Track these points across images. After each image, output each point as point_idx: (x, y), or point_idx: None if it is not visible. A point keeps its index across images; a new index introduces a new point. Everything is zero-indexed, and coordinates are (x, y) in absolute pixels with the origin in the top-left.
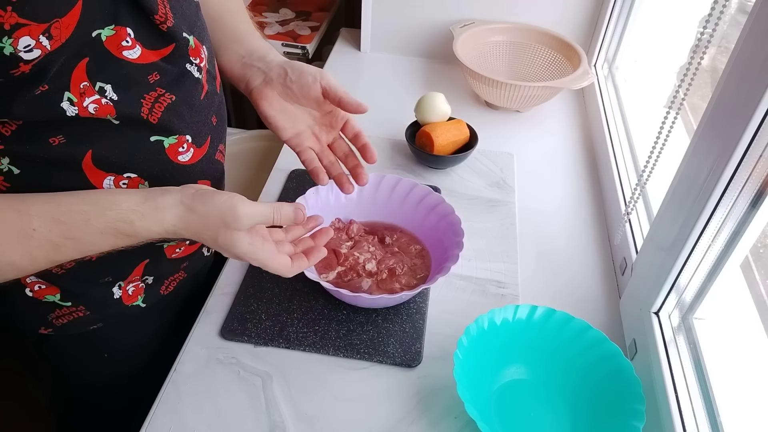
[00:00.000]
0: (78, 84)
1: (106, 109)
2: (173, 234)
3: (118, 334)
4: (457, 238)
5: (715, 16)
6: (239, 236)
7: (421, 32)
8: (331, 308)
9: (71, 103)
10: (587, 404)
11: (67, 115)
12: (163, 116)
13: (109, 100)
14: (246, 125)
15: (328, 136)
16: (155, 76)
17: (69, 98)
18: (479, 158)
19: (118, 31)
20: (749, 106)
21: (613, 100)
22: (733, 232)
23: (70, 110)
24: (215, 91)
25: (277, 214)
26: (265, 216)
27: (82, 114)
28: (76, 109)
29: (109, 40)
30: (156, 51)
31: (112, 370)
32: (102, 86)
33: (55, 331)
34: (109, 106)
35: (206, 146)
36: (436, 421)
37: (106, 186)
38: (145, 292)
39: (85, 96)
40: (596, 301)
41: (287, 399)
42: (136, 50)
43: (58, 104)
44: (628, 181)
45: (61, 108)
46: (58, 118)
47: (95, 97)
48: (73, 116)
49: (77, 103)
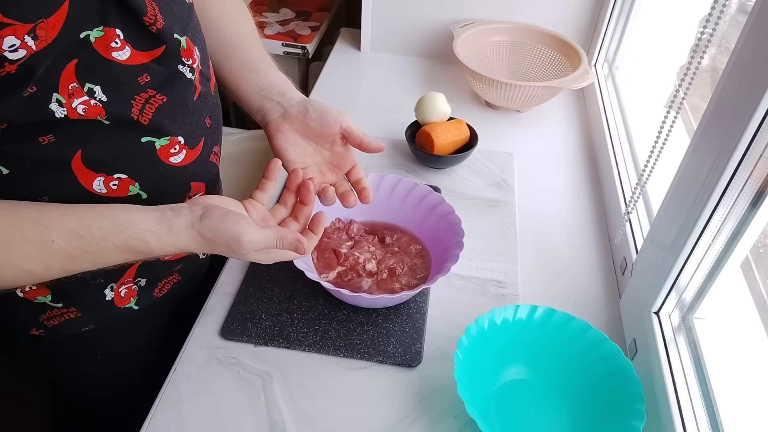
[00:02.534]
0: (67, 85)
1: (95, 110)
2: (188, 252)
3: (111, 337)
4: (457, 238)
5: (715, 16)
6: (249, 255)
7: (421, 32)
8: (331, 308)
9: (60, 105)
10: (587, 404)
11: (55, 116)
12: (154, 117)
13: (99, 102)
14: (246, 125)
15: (332, 176)
16: (145, 78)
17: (57, 99)
18: (479, 158)
19: (107, 32)
20: (749, 106)
21: (613, 100)
22: (733, 232)
23: (58, 111)
24: (209, 92)
25: (280, 242)
26: (268, 243)
27: (71, 116)
28: (65, 111)
29: (98, 42)
30: (146, 52)
31: (106, 372)
32: (91, 87)
33: (47, 332)
34: (99, 107)
35: (199, 148)
36: (436, 421)
37: (96, 187)
38: (138, 295)
39: (74, 97)
40: (596, 300)
41: (287, 399)
42: (126, 51)
43: (47, 106)
44: (628, 181)
45: (49, 109)
46: (47, 120)
47: (84, 98)
48: (62, 117)
49: (66, 104)
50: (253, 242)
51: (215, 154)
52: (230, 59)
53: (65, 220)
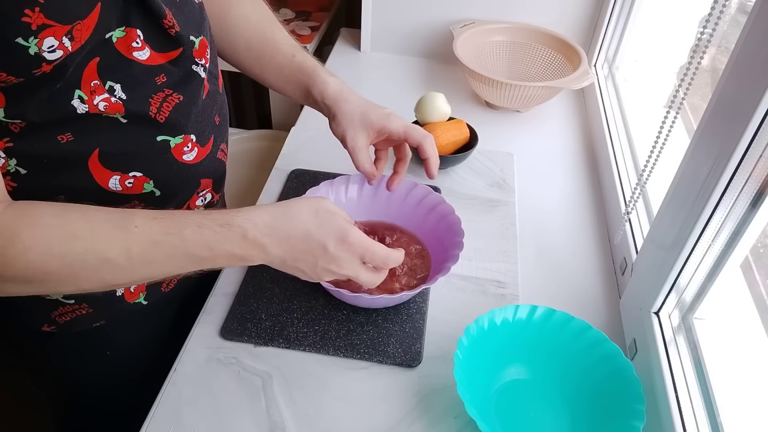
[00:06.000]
0: (89, 82)
1: (115, 107)
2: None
3: (121, 332)
4: (457, 238)
5: (715, 16)
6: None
7: (421, 32)
8: (331, 308)
9: (82, 101)
10: (587, 404)
11: (77, 112)
12: (171, 116)
13: (119, 99)
14: (246, 125)
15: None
16: (162, 78)
17: (79, 96)
18: (479, 158)
19: (128, 32)
20: (749, 106)
21: (613, 100)
22: (733, 232)
23: (80, 108)
24: (217, 90)
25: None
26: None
27: (92, 111)
28: (86, 107)
29: (119, 41)
30: (164, 54)
31: (114, 369)
32: (112, 85)
33: (58, 328)
34: (119, 104)
35: (209, 145)
36: (436, 421)
37: (112, 185)
38: (147, 289)
39: (96, 94)
40: (596, 301)
41: (287, 399)
42: (146, 52)
43: (69, 102)
44: (628, 181)
45: (71, 106)
46: (69, 116)
47: (105, 95)
48: (83, 113)
49: (87, 100)
50: (360, 239)
51: (222, 151)
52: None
53: (147, 211)
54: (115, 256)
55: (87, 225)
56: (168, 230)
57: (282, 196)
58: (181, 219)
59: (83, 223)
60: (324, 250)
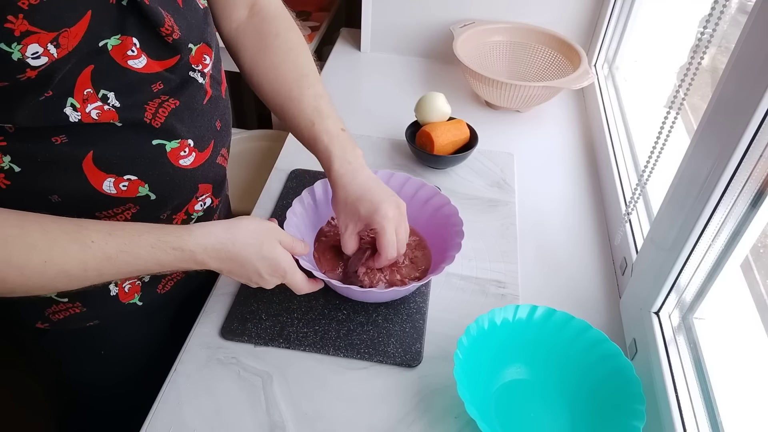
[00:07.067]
0: (82, 90)
1: (108, 115)
2: (213, 255)
3: (116, 332)
4: (457, 238)
5: (715, 16)
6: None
7: (421, 32)
8: (331, 308)
9: (74, 109)
10: (587, 404)
11: (69, 120)
12: (166, 121)
13: (112, 107)
14: (246, 125)
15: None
16: (159, 85)
17: (72, 104)
18: (479, 158)
19: (123, 40)
20: (749, 106)
21: (613, 100)
22: (733, 232)
23: (72, 116)
24: (220, 95)
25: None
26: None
27: (85, 120)
28: (78, 115)
29: (114, 50)
30: (161, 62)
31: (110, 368)
32: (105, 93)
33: (52, 326)
34: (112, 112)
35: (209, 150)
36: (436, 421)
37: (106, 188)
38: (142, 290)
39: (88, 102)
40: (596, 301)
41: (287, 399)
42: (142, 60)
43: (61, 110)
44: (628, 181)
45: (63, 113)
46: (61, 123)
47: (98, 103)
48: (76, 122)
49: (80, 108)
50: (287, 270)
51: (222, 156)
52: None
53: (102, 225)
54: (72, 269)
55: (44, 236)
56: (122, 248)
57: (282, 196)
58: (136, 238)
59: (41, 234)
60: (258, 275)
